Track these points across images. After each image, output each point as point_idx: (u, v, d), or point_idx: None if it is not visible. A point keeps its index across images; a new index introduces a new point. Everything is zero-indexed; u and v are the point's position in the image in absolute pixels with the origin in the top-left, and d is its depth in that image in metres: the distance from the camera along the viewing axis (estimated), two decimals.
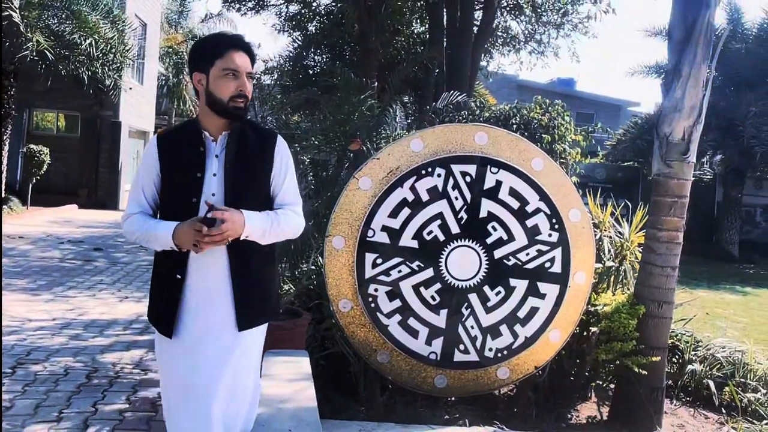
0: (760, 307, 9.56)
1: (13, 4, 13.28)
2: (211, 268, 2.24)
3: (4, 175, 15.11)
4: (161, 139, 2.34)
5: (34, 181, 16.32)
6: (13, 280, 7.84)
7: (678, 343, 5.04)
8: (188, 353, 2.24)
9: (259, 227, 2.22)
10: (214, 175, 2.24)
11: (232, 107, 2.22)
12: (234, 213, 2.12)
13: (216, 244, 2.13)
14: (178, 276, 2.23)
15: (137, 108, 20.86)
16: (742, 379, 4.86)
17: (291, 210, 2.37)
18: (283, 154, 2.37)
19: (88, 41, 14.17)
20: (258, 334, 2.38)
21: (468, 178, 4.12)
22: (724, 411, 4.66)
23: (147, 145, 2.37)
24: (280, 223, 2.30)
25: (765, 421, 4.49)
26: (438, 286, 4.12)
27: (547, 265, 4.19)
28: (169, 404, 2.33)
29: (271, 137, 2.39)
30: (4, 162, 15.13)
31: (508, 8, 13.37)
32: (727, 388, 4.76)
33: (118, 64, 15.16)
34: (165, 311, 2.27)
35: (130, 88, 18.80)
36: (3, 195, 15.00)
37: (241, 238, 2.17)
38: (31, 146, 16.45)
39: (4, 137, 14.99)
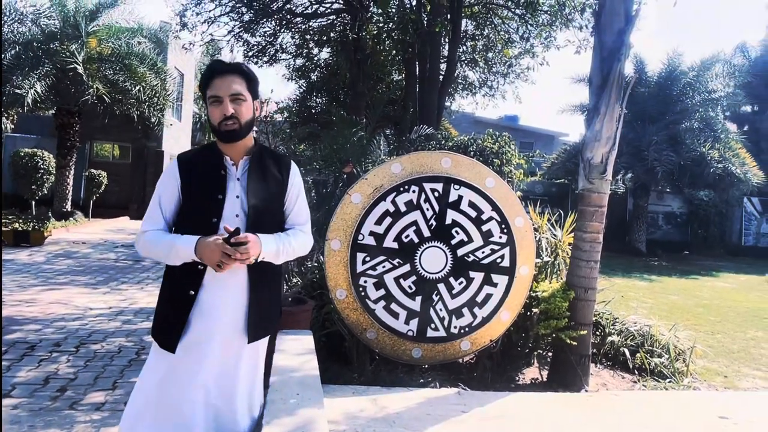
0: (663, 291, 9.65)
1: (77, 58, 13.16)
2: (228, 284, 1.92)
3: (70, 193, 14.91)
4: (182, 161, 1.99)
5: (95, 198, 16.11)
6: (77, 276, 7.72)
7: (600, 320, 5.05)
8: (182, 365, 1.89)
9: (272, 249, 1.93)
10: (237, 197, 1.94)
11: (223, 131, 1.91)
12: (253, 237, 1.83)
13: (237, 264, 1.83)
14: (191, 292, 1.89)
15: (177, 140, 20.68)
16: (650, 347, 4.89)
17: (300, 229, 2.09)
18: (295, 178, 2.09)
19: (137, 88, 14.08)
20: (263, 346, 2.08)
21: (436, 194, 4.12)
22: (636, 372, 4.68)
23: (168, 166, 1.99)
24: (291, 243, 2.01)
25: (668, 380, 4.52)
26: (414, 278, 4.11)
27: (499, 260, 4.19)
28: (140, 414, 1.91)
29: (286, 163, 2.09)
30: (71, 183, 14.94)
31: (466, 61, 13.45)
32: (638, 355, 4.78)
33: (161, 106, 15.07)
34: (173, 327, 1.89)
35: (171, 125, 18.65)
36: (69, 209, 14.80)
37: (259, 260, 1.89)
38: (92, 170, 16.25)
39: (71, 163, 14.81)
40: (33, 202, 12.74)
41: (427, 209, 4.10)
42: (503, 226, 4.18)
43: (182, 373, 1.90)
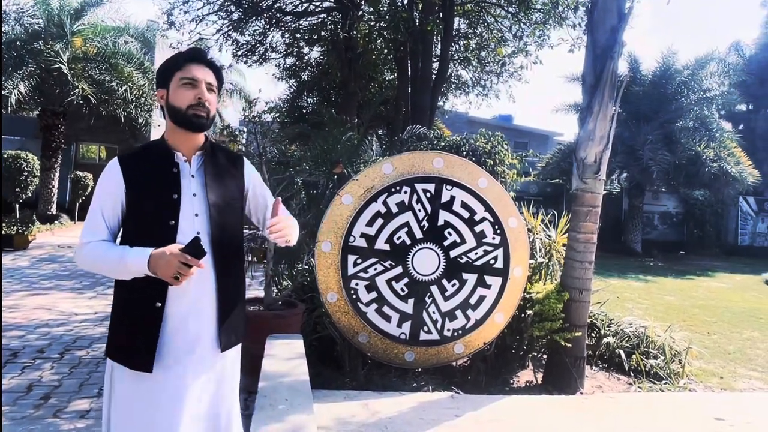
0: (658, 292, 9.71)
1: (62, 57, 13.07)
2: (196, 293, 1.75)
3: (56, 196, 14.79)
4: (124, 161, 1.77)
5: (81, 200, 15.98)
6: (62, 281, 7.65)
7: (595, 321, 5.07)
8: (163, 385, 1.71)
9: (297, 231, 1.92)
10: (194, 195, 1.78)
11: (191, 114, 1.76)
12: (286, 216, 1.79)
13: (193, 272, 1.63)
14: (158, 304, 1.70)
15: None
16: (645, 349, 4.90)
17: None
18: (250, 172, 1.98)
19: (123, 88, 14.02)
20: (236, 353, 1.93)
21: (428, 194, 4.12)
22: (632, 374, 4.69)
23: (106, 168, 1.78)
24: (297, 226, 1.98)
25: (663, 381, 4.54)
26: (406, 280, 4.10)
27: (492, 262, 4.20)
28: None
29: (238, 158, 1.98)
30: (56, 185, 14.82)
31: (459, 60, 13.48)
32: (634, 356, 4.80)
33: (148, 106, 15.00)
34: (141, 344, 1.70)
35: (159, 125, 18.53)
36: (55, 212, 14.68)
37: (292, 242, 1.86)
38: (78, 172, 16.12)
39: (56, 165, 14.69)
40: (17, 205, 12.61)
41: (419, 210, 4.10)
42: (496, 226, 4.18)
43: (165, 396, 1.71)
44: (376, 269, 4.06)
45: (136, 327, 1.72)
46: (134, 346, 1.71)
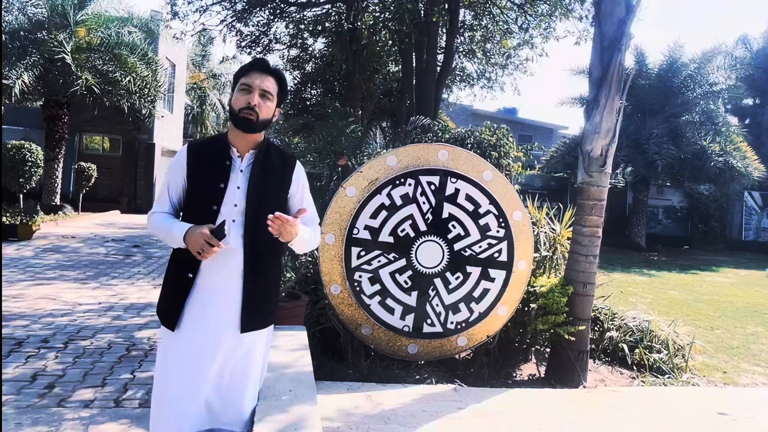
0: (662, 286, 9.69)
1: (66, 48, 13.06)
2: (224, 269, 1.98)
3: (59, 186, 14.84)
4: (191, 148, 2.08)
5: (84, 191, 16.03)
6: (66, 271, 7.68)
7: (599, 315, 5.07)
8: (187, 347, 1.96)
9: (305, 237, 2.04)
10: (238, 187, 2.01)
11: (241, 118, 1.98)
12: (295, 221, 1.92)
13: (216, 250, 1.87)
14: (190, 275, 1.97)
15: (168, 132, 20.59)
16: (648, 343, 4.91)
17: (317, 227, 2.19)
18: (300, 176, 2.15)
19: (127, 78, 13.99)
20: (260, 337, 2.09)
21: (433, 187, 4.11)
22: (635, 368, 4.70)
23: (178, 152, 2.11)
24: (314, 236, 2.14)
25: (666, 376, 4.54)
26: (410, 272, 4.10)
27: (496, 255, 4.19)
28: (160, 390, 2.01)
29: (291, 161, 2.16)
30: (60, 176, 14.86)
31: (464, 52, 13.41)
32: (637, 350, 4.80)
33: (152, 97, 14.98)
34: (172, 306, 1.99)
35: (162, 116, 18.54)
36: (59, 203, 14.73)
37: (289, 244, 2.00)
38: (82, 163, 16.16)
39: (60, 156, 14.72)
40: (21, 196, 12.66)
41: (424, 203, 4.09)
42: (501, 220, 4.17)
43: (182, 354, 1.97)
44: (379, 261, 4.06)
45: (171, 291, 2.03)
46: (168, 308, 2.02)
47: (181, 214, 2.09)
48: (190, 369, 1.95)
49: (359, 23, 10.95)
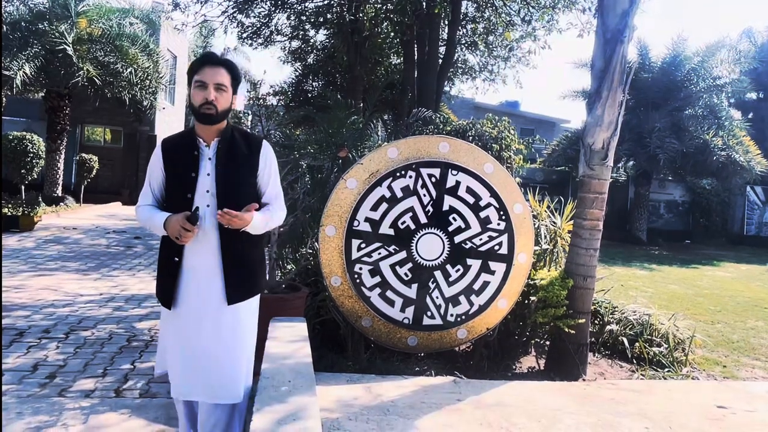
0: (663, 280, 9.68)
1: (67, 39, 13.01)
2: (203, 251, 2.20)
3: (61, 178, 14.84)
4: (164, 144, 2.30)
5: (86, 183, 16.03)
6: (68, 262, 7.70)
7: (599, 309, 5.06)
8: (183, 323, 2.22)
9: (258, 224, 2.22)
10: (208, 174, 2.19)
11: (202, 113, 2.16)
12: (248, 215, 2.12)
13: (191, 235, 2.11)
14: (176, 258, 2.20)
15: (169, 124, 20.55)
16: (648, 337, 4.90)
17: (277, 204, 2.37)
18: (267, 156, 2.32)
19: (128, 70, 13.96)
20: (247, 308, 2.30)
21: (433, 179, 4.09)
22: (635, 361, 4.69)
23: (155, 149, 2.33)
24: (272, 218, 2.32)
25: (666, 369, 4.54)
26: (410, 265, 4.09)
27: (496, 247, 4.18)
28: (166, 358, 2.32)
29: (256, 143, 2.32)
30: (61, 167, 14.86)
31: (466, 44, 13.34)
32: (637, 344, 4.79)
33: (154, 89, 14.96)
34: (165, 288, 2.24)
35: (164, 108, 18.51)
36: (60, 194, 14.74)
37: (241, 231, 2.18)
38: (83, 155, 16.15)
39: (61, 147, 14.72)
40: (22, 187, 12.66)
41: (424, 195, 4.08)
42: (501, 212, 4.16)
43: (182, 330, 2.23)
44: (380, 254, 4.05)
45: (163, 274, 2.27)
46: (162, 289, 2.27)
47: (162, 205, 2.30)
48: (184, 342, 2.20)
49: (361, 15, 10.90)
